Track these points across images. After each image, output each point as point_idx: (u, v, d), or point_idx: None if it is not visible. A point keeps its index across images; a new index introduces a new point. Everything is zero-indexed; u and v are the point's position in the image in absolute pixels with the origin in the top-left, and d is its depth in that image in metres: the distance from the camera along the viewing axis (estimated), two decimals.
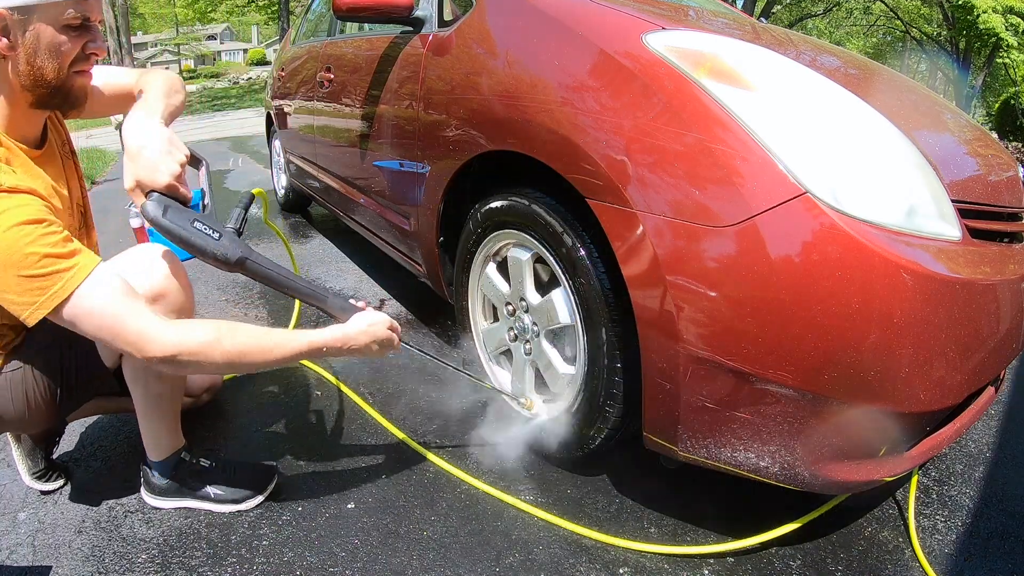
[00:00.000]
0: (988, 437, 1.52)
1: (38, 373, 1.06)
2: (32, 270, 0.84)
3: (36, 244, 0.85)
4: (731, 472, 1.03)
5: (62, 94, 0.96)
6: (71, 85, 0.96)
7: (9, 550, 1.13)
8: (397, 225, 1.80)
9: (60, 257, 0.87)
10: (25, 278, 0.84)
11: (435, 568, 1.08)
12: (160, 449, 1.21)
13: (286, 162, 3.34)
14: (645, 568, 1.09)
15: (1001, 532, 1.19)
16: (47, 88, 0.93)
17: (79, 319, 0.88)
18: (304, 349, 1.02)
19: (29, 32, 0.88)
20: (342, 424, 1.53)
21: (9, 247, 0.83)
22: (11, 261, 0.84)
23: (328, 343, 1.04)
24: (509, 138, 1.22)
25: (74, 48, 0.92)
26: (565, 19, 1.17)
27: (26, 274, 0.84)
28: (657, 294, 0.97)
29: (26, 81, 0.91)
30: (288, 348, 1.01)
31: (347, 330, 1.07)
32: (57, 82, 0.93)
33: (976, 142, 1.25)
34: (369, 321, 1.09)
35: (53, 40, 0.89)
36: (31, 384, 1.06)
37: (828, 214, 0.86)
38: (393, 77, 1.70)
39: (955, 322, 0.91)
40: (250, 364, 0.99)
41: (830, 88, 1.00)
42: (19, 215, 0.85)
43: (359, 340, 1.07)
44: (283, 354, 1.01)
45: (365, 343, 1.07)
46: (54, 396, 1.08)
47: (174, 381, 1.19)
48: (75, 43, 0.92)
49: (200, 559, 1.11)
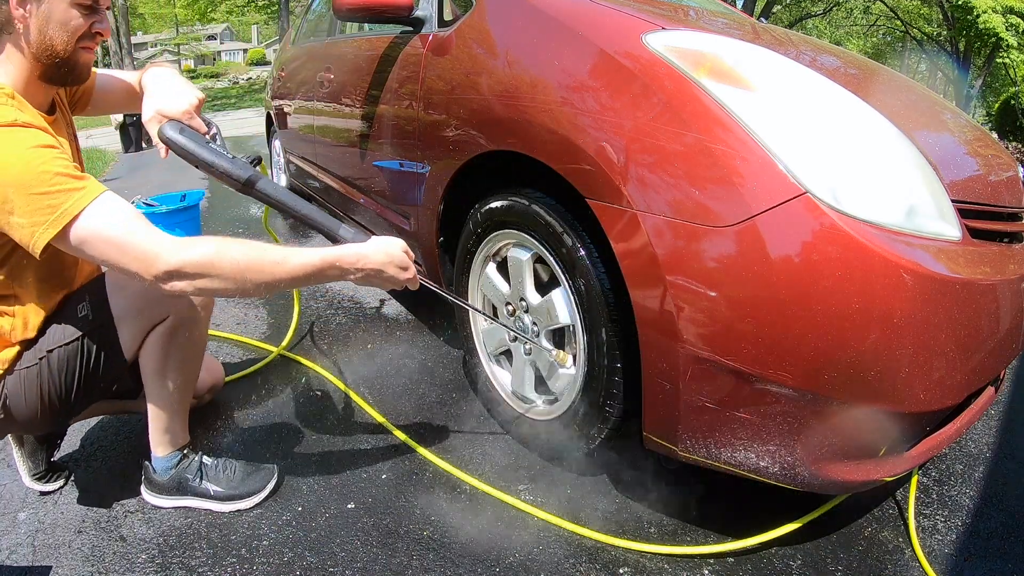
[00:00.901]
0: (988, 437, 1.52)
1: (56, 370, 1.06)
2: (44, 187, 0.86)
3: (49, 163, 0.88)
4: (731, 472, 1.03)
5: (68, 66, 1.01)
6: (77, 59, 1.01)
7: (9, 550, 1.13)
8: (397, 225, 1.80)
9: (72, 177, 0.89)
10: (37, 195, 0.86)
11: (435, 568, 1.08)
12: (165, 445, 1.22)
13: (286, 162, 3.34)
14: (645, 568, 1.09)
15: (1001, 532, 1.19)
16: (55, 59, 0.98)
17: (87, 239, 0.89)
18: (317, 261, 0.99)
19: (44, 4, 0.94)
20: (342, 424, 1.53)
21: (23, 167, 0.86)
22: (23, 180, 0.86)
23: (342, 257, 1.01)
24: (509, 138, 1.22)
25: (83, 25, 0.98)
26: (565, 19, 1.17)
27: (38, 191, 0.86)
28: (657, 294, 0.97)
29: (36, 50, 0.97)
30: (300, 259, 0.98)
31: (362, 248, 1.04)
32: (64, 54, 0.98)
33: (976, 142, 1.25)
34: (380, 245, 1.06)
35: (64, 15, 0.95)
36: (47, 382, 1.06)
37: (828, 214, 0.86)
38: (393, 77, 1.70)
39: (955, 322, 0.91)
40: (262, 277, 0.95)
41: (830, 88, 1.00)
42: (33, 140, 0.89)
43: (374, 258, 1.03)
44: (295, 265, 0.97)
45: (381, 261, 1.04)
46: (70, 394, 1.09)
47: (190, 373, 1.20)
48: (84, 21, 0.98)
49: (200, 559, 1.11)
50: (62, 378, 1.07)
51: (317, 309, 2.27)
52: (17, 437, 1.26)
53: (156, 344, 1.13)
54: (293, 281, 0.99)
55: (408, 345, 1.95)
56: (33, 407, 1.07)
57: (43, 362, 1.06)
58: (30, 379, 1.06)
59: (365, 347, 1.94)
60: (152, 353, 1.14)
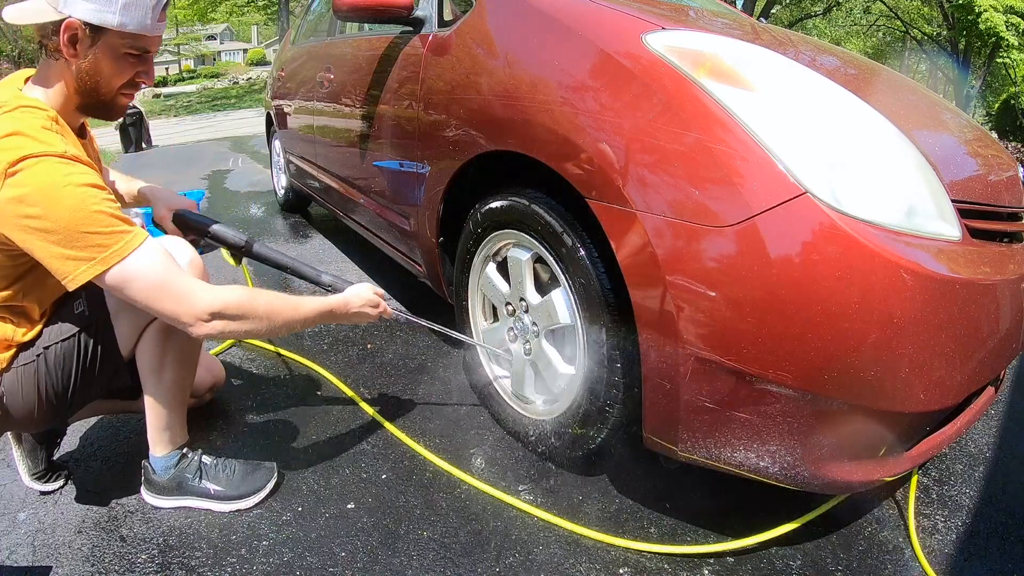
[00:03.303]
0: (988, 437, 1.52)
1: (53, 366, 1.07)
2: (95, 227, 0.90)
3: (101, 204, 0.92)
4: (731, 472, 1.03)
5: (104, 108, 1.05)
6: (115, 103, 1.05)
7: (9, 550, 1.13)
8: (397, 225, 1.80)
9: (121, 220, 0.94)
10: (87, 233, 0.90)
11: (435, 568, 1.08)
12: (164, 444, 1.22)
13: (286, 162, 3.34)
14: (645, 568, 1.09)
15: (1001, 532, 1.19)
16: (94, 99, 1.03)
17: (130, 280, 0.93)
18: (321, 308, 1.16)
19: (94, 49, 0.97)
20: (342, 424, 1.53)
21: (77, 204, 0.89)
22: (77, 217, 0.89)
23: (334, 307, 1.20)
24: (509, 138, 1.22)
25: (127, 74, 1.02)
26: (565, 19, 1.17)
27: (89, 230, 0.90)
28: (657, 294, 0.97)
29: (79, 86, 1.00)
30: (309, 308, 1.13)
31: (344, 297, 1.24)
32: (105, 98, 1.03)
33: (976, 142, 1.25)
34: (356, 291, 1.27)
35: (112, 63, 0.99)
36: (44, 378, 1.06)
37: (828, 214, 0.86)
38: (393, 77, 1.70)
39: (955, 322, 0.91)
40: (284, 321, 1.08)
41: (830, 88, 1.00)
42: (84, 177, 0.92)
43: (354, 303, 1.23)
44: (307, 312, 1.13)
45: (359, 305, 1.24)
46: (67, 391, 1.09)
47: (187, 370, 1.21)
48: (129, 70, 1.02)
49: (200, 559, 1.11)
50: (59, 375, 1.07)
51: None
52: (16, 436, 1.26)
53: (152, 340, 1.14)
54: (304, 323, 1.14)
55: (408, 345, 1.95)
56: (30, 404, 1.07)
57: (40, 359, 1.06)
58: (27, 376, 1.06)
59: (365, 347, 1.94)
60: (148, 349, 1.15)
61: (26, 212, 0.88)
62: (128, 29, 0.96)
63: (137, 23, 0.96)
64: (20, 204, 0.88)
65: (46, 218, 0.88)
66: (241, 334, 1.06)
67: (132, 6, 0.95)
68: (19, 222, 0.89)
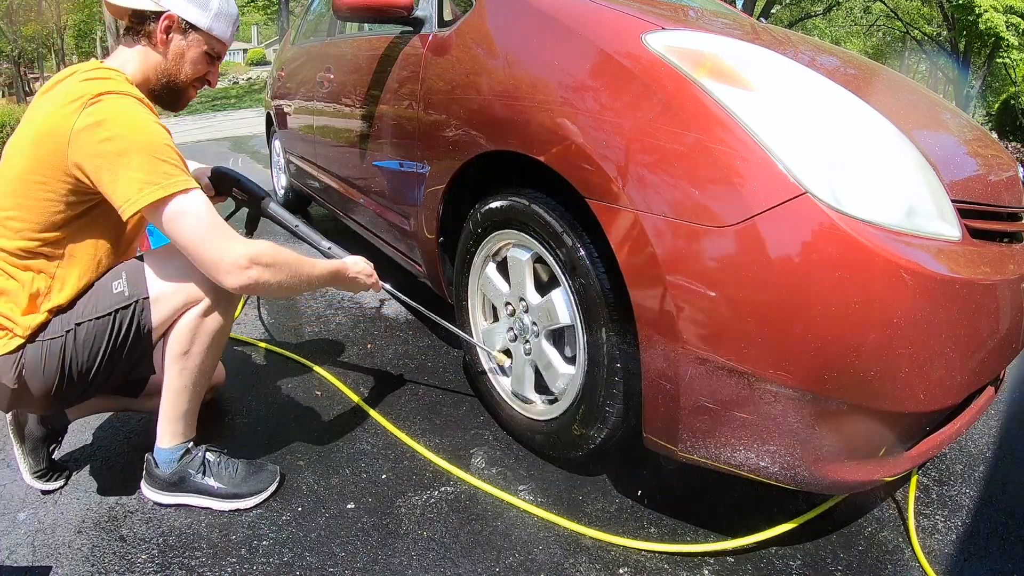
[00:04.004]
0: (988, 437, 1.52)
1: (82, 344, 1.07)
2: (165, 156, 1.00)
3: (169, 140, 1.03)
4: (731, 472, 1.03)
5: (175, 95, 1.19)
6: (185, 93, 1.20)
7: (9, 550, 1.13)
8: (397, 225, 1.80)
9: (182, 160, 1.05)
10: (158, 160, 0.99)
11: (435, 568, 1.08)
12: (172, 436, 1.22)
13: (286, 162, 3.33)
14: (645, 568, 1.09)
15: (1001, 532, 1.19)
16: (170, 86, 1.16)
17: (184, 214, 1.01)
18: (330, 268, 1.24)
19: (182, 42, 1.13)
20: (342, 424, 1.53)
21: (152, 135, 1.01)
22: (151, 144, 1.00)
23: (339, 268, 1.27)
24: (509, 138, 1.22)
25: (202, 70, 1.19)
26: (565, 19, 1.17)
27: (160, 157, 1.00)
28: (657, 294, 0.97)
29: (159, 70, 1.14)
30: (322, 266, 1.21)
31: (344, 262, 1.31)
32: (180, 86, 1.18)
33: (976, 142, 1.25)
34: (354, 259, 1.35)
35: (195, 57, 1.16)
36: (70, 354, 1.06)
37: (828, 214, 0.86)
38: (393, 77, 1.70)
39: (955, 322, 0.91)
40: (305, 275, 1.15)
41: (830, 88, 1.00)
42: (155, 118, 1.05)
43: (354, 268, 1.31)
44: (321, 270, 1.20)
45: (356, 272, 1.32)
46: (89, 371, 1.09)
47: (211, 359, 1.20)
48: (204, 67, 1.18)
49: (200, 559, 1.11)
50: (87, 353, 1.07)
51: (316, 309, 2.27)
52: (18, 433, 1.26)
53: (186, 325, 1.14)
54: (318, 280, 1.20)
55: (408, 345, 1.95)
56: (50, 380, 1.06)
57: (69, 335, 1.06)
58: (52, 351, 1.06)
59: (365, 347, 1.94)
60: (180, 335, 1.14)
61: (102, 135, 0.97)
62: (214, 33, 1.15)
63: (220, 31, 1.16)
64: (97, 128, 0.97)
65: (122, 139, 0.97)
66: (272, 286, 1.09)
67: (221, 16, 1.15)
68: (93, 147, 0.97)
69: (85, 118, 0.97)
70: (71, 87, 1.01)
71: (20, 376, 1.05)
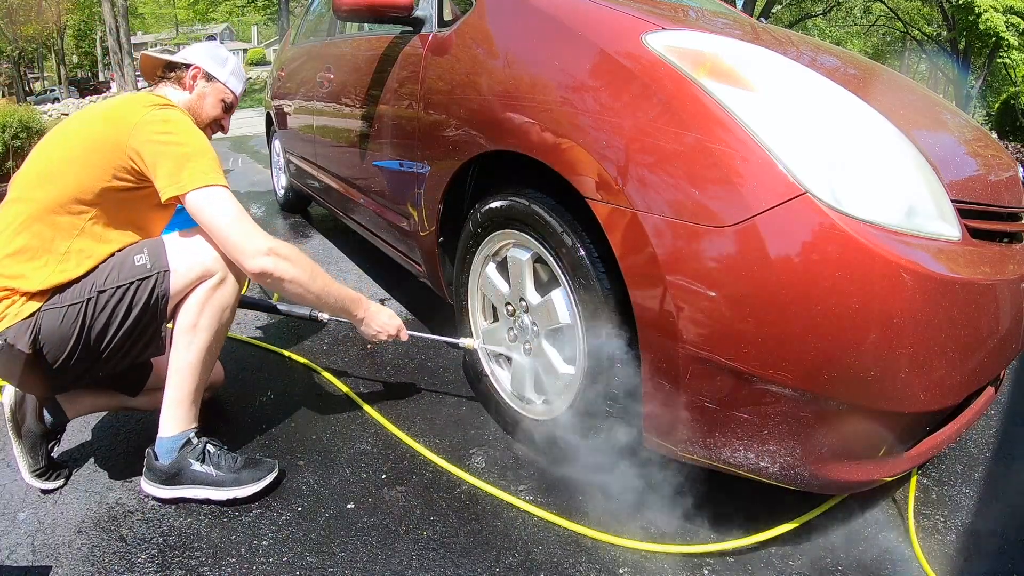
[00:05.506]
0: (988, 437, 1.52)
1: (101, 312, 1.13)
2: (213, 159, 1.21)
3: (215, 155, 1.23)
4: (731, 472, 1.03)
5: None
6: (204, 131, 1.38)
7: (9, 550, 1.13)
8: (397, 225, 1.80)
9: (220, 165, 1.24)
10: (209, 159, 1.20)
11: (435, 568, 1.08)
12: (175, 422, 1.23)
13: (286, 162, 3.34)
14: (645, 568, 1.09)
15: (1001, 532, 1.19)
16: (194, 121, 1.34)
17: (218, 201, 1.17)
18: (351, 294, 1.34)
19: (204, 89, 1.38)
20: (342, 424, 1.53)
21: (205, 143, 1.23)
22: (204, 148, 1.21)
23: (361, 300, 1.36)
24: (509, 138, 1.22)
25: (216, 115, 1.41)
26: (565, 19, 1.17)
27: (210, 158, 1.20)
28: (657, 294, 0.97)
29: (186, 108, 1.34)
30: (343, 288, 1.32)
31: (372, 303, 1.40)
32: (200, 123, 1.38)
33: (976, 142, 1.25)
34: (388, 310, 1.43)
35: (212, 103, 1.39)
36: (89, 321, 1.12)
37: (828, 214, 0.86)
38: (393, 77, 1.70)
39: (955, 322, 0.91)
40: (322, 283, 1.26)
41: (830, 88, 1.00)
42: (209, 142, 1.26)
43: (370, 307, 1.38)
44: (340, 290, 1.31)
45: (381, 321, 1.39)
46: (104, 339, 1.14)
47: (217, 339, 1.24)
48: (220, 112, 1.41)
49: (200, 559, 1.11)
50: (105, 319, 1.13)
51: None
52: (17, 431, 1.26)
53: (196, 299, 1.20)
54: (334, 298, 1.29)
55: (408, 345, 1.95)
56: (64, 346, 1.11)
57: (89, 303, 1.12)
58: (70, 316, 1.11)
59: (365, 347, 1.94)
60: (189, 307, 1.20)
61: (166, 130, 1.17)
62: (229, 85, 1.41)
63: (233, 86, 1.42)
64: (163, 123, 1.17)
65: (181, 135, 1.18)
66: (286, 279, 1.19)
67: (235, 74, 1.42)
68: (156, 136, 1.15)
69: (154, 114, 1.18)
70: (137, 97, 1.23)
71: (36, 340, 1.09)
